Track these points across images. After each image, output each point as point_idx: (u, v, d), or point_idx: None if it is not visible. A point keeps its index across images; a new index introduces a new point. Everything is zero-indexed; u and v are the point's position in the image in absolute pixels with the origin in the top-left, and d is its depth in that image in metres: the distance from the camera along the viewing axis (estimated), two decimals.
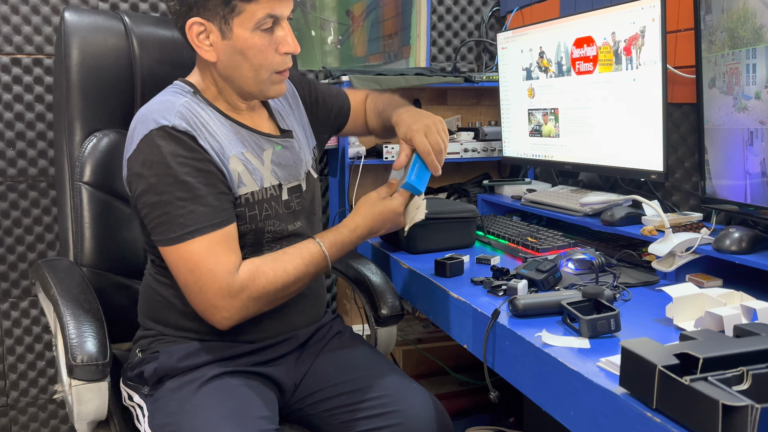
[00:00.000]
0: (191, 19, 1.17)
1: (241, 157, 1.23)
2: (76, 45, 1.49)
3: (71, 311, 1.22)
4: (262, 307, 1.20)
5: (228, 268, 1.14)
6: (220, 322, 1.17)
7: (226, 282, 1.13)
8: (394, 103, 1.47)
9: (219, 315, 1.16)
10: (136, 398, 1.23)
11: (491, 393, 1.10)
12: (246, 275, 1.15)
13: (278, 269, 1.18)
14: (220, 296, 1.14)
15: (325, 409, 1.28)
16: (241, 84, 1.23)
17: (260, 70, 1.20)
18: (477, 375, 2.15)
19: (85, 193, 1.48)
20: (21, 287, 2.04)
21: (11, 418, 2.08)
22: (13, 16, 1.94)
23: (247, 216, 1.22)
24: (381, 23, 2.41)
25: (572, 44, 1.73)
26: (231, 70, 1.21)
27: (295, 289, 1.22)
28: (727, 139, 1.32)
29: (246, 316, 1.18)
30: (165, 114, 1.16)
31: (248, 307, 1.17)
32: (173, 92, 1.25)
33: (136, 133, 1.17)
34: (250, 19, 1.15)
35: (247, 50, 1.18)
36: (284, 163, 1.30)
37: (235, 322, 1.18)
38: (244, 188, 1.22)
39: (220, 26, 1.16)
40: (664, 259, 1.31)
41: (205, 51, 1.19)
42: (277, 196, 1.27)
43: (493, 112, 2.44)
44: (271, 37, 1.19)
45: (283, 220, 1.28)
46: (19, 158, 1.99)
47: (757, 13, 1.20)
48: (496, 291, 1.24)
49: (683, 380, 0.71)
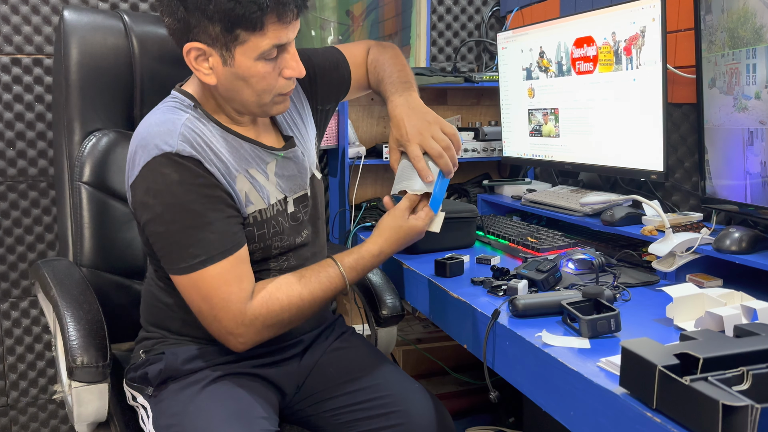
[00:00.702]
0: (189, 44, 1.10)
1: (246, 176, 1.19)
2: (75, 44, 1.48)
3: (71, 312, 1.22)
4: (278, 331, 1.18)
5: (241, 297, 1.12)
6: (236, 347, 1.16)
7: (240, 311, 1.12)
8: (393, 77, 1.36)
9: (235, 341, 1.15)
10: (140, 399, 1.23)
11: (491, 393, 1.10)
12: (259, 303, 1.13)
13: (293, 295, 1.15)
14: (234, 324, 1.12)
15: (326, 409, 1.28)
16: (241, 105, 1.17)
17: (263, 94, 1.15)
18: (477, 375, 2.15)
19: (84, 192, 1.48)
20: (21, 287, 2.04)
21: (11, 418, 2.08)
22: (13, 16, 1.93)
23: (256, 235, 1.20)
24: (381, 23, 2.41)
25: (572, 44, 1.73)
26: (232, 93, 1.15)
27: (311, 312, 1.20)
28: (727, 139, 1.32)
29: (262, 340, 1.17)
30: (167, 138, 1.10)
31: (262, 333, 1.16)
32: (173, 107, 1.18)
33: (137, 159, 1.11)
34: (255, 49, 1.08)
35: (249, 78, 1.11)
36: (288, 174, 1.26)
37: (252, 345, 1.17)
38: (252, 207, 1.19)
39: (221, 52, 1.09)
40: (664, 259, 1.31)
41: (205, 75, 1.13)
42: (282, 210, 1.24)
43: (493, 112, 2.44)
44: (276, 64, 1.12)
45: (290, 233, 1.25)
46: (19, 158, 1.99)
47: (757, 13, 1.20)
48: (496, 291, 1.24)
49: (683, 380, 0.71)
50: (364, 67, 1.44)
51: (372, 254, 1.22)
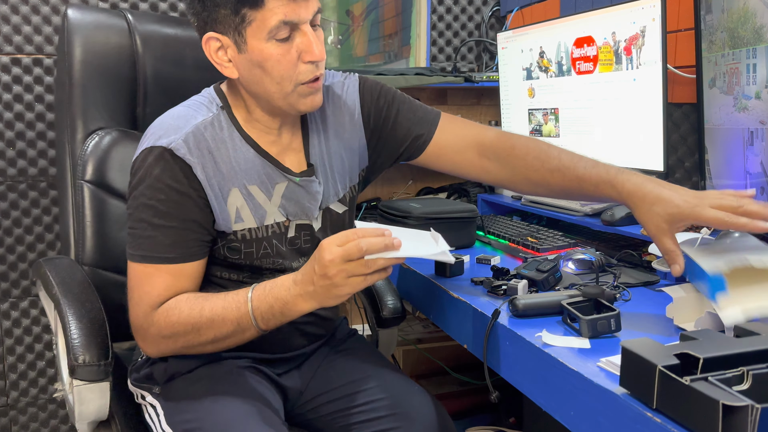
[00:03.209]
0: (207, 34, 1.11)
1: (243, 191, 1.16)
2: (78, 43, 1.48)
3: (73, 311, 1.22)
4: (178, 347, 1.12)
5: (153, 302, 1.11)
6: (143, 349, 1.17)
7: (144, 313, 1.11)
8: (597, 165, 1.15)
9: (139, 341, 1.16)
10: (150, 398, 1.22)
11: (491, 393, 1.10)
12: (161, 311, 1.10)
13: (194, 308, 1.08)
14: (137, 324, 1.14)
15: (327, 412, 1.28)
16: (267, 98, 1.14)
17: (282, 82, 1.10)
18: (477, 375, 2.15)
19: (86, 191, 1.48)
20: (21, 287, 2.04)
21: (11, 418, 2.08)
22: (13, 16, 1.94)
23: (243, 252, 1.18)
24: (381, 23, 2.41)
25: (572, 44, 1.73)
26: (254, 85, 1.13)
27: (212, 335, 1.09)
28: (727, 139, 1.32)
29: (162, 352, 1.15)
30: (170, 133, 1.11)
31: (159, 344, 1.12)
32: (200, 104, 1.18)
33: (143, 141, 1.15)
34: (262, 28, 1.06)
35: (264, 62, 1.09)
36: (296, 199, 1.21)
37: (153, 354, 1.16)
38: (241, 224, 1.16)
39: (235, 39, 1.09)
40: (665, 259, 1.31)
41: (225, 68, 1.13)
42: (281, 233, 1.20)
43: (493, 112, 2.44)
44: (291, 46, 1.08)
45: (286, 257, 1.21)
46: (19, 158, 1.99)
47: (758, 13, 1.21)
48: (496, 291, 1.24)
49: (683, 380, 0.71)
50: (474, 148, 1.27)
51: (287, 284, 1.05)
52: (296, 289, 1.04)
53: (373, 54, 2.42)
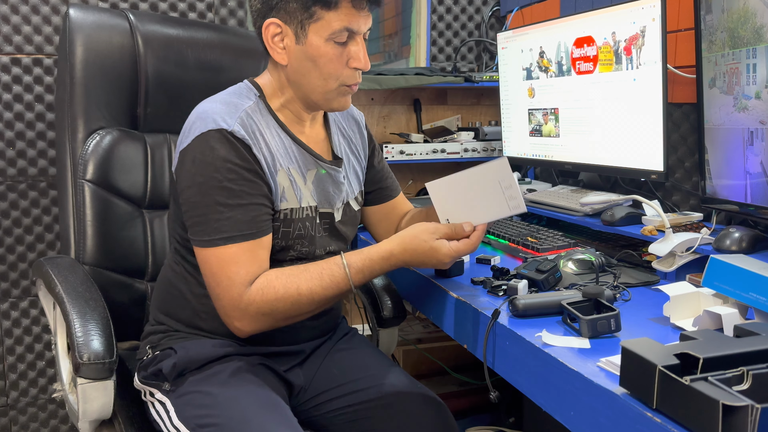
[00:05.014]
0: (269, 19, 1.17)
1: (288, 173, 1.22)
2: (80, 42, 1.49)
3: (77, 309, 1.22)
4: (276, 322, 1.18)
5: (245, 279, 1.13)
6: (236, 331, 1.18)
7: (238, 293, 1.13)
8: None
9: (233, 324, 1.17)
10: (159, 395, 1.22)
11: (491, 393, 1.10)
12: (256, 289, 1.14)
13: (290, 287, 1.14)
14: (231, 306, 1.14)
15: (330, 410, 1.29)
16: (307, 91, 1.22)
17: (329, 79, 1.19)
18: (477, 375, 2.15)
19: (87, 191, 1.48)
20: (21, 287, 2.04)
21: (11, 418, 2.08)
22: (13, 16, 1.94)
23: (281, 231, 1.22)
24: (381, 23, 2.41)
25: (572, 44, 1.73)
26: (300, 75, 1.20)
27: (311, 309, 1.18)
28: (727, 138, 1.32)
29: (259, 329, 1.18)
30: (226, 117, 1.16)
31: (258, 320, 1.16)
32: (240, 94, 1.24)
33: (194, 128, 1.16)
34: (327, 28, 1.15)
35: (318, 58, 1.17)
36: (323, 187, 1.28)
37: (249, 333, 1.18)
38: (285, 203, 1.22)
39: (296, 30, 1.16)
40: (665, 259, 1.31)
41: (278, 53, 1.19)
42: (312, 217, 1.26)
43: (493, 112, 2.44)
44: (344, 50, 1.18)
45: (312, 243, 1.27)
46: (19, 158, 1.99)
47: (758, 13, 1.21)
48: (496, 291, 1.24)
49: (683, 380, 0.71)
50: (402, 216, 1.48)
51: (382, 256, 1.18)
52: (397, 256, 1.17)
53: (373, 54, 2.42)
